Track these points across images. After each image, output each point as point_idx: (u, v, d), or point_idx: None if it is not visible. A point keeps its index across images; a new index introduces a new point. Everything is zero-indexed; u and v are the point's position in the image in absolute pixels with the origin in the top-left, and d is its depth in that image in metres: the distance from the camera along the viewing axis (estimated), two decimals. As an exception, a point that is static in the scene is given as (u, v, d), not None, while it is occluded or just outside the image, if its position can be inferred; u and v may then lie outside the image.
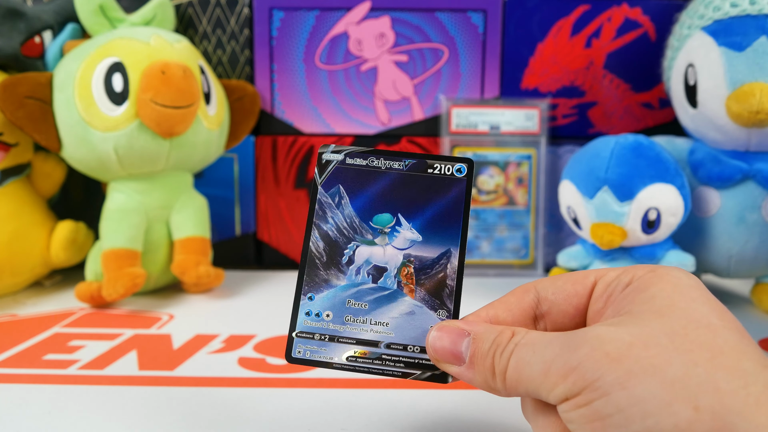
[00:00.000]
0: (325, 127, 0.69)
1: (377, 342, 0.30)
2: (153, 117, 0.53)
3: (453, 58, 0.68)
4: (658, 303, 0.24)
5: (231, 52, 0.68)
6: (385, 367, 0.30)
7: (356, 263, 0.31)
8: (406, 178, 0.32)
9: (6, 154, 0.58)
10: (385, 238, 0.32)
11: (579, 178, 0.54)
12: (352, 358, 0.30)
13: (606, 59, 0.67)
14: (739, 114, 0.50)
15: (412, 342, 0.30)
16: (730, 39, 0.51)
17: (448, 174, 0.32)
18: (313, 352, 0.30)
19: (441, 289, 0.30)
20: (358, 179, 0.32)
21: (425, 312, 0.30)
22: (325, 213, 0.32)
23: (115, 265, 0.55)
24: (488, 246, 0.68)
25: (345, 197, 0.32)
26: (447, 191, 0.32)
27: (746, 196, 0.54)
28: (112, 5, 0.58)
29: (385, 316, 0.30)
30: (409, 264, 0.31)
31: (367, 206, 0.32)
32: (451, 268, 0.31)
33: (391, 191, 0.32)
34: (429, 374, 0.29)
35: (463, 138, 0.67)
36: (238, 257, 0.70)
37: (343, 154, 0.33)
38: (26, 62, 0.59)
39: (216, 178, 0.69)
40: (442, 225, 0.31)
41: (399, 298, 0.31)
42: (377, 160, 0.33)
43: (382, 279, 0.31)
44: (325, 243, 0.32)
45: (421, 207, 0.32)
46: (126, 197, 0.57)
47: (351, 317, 0.31)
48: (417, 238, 0.31)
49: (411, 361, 0.30)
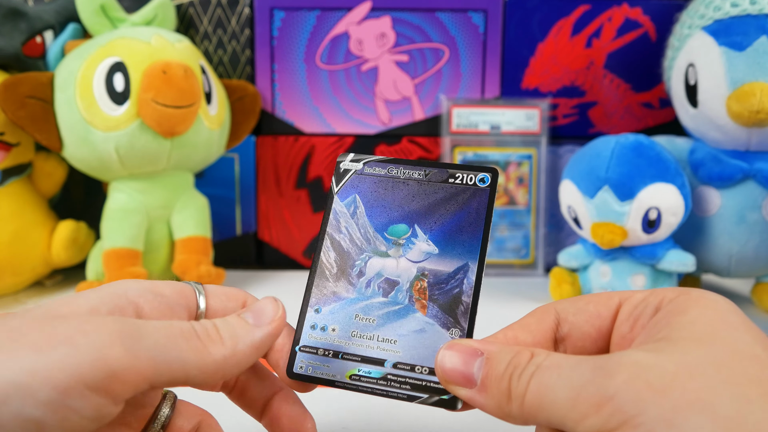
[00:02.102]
0: (326, 127, 0.69)
1: (383, 360, 0.28)
2: (154, 117, 0.53)
3: (454, 58, 0.68)
4: (699, 329, 0.22)
5: (232, 52, 0.68)
6: (390, 388, 0.27)
7: (367, 275, 0.30)
8: (426, 188, 0.31)
9: (7, 154, 0.58)
10: (399, 250, 0.30)
11: (579, 177, 0.54)
12: (355, 378, 0.28)
13: (606, 59, 0.68)
14: (739, 113, 0.50)
15: (420, 362, 0.28)
16: (731, 39, 0.51)
17: (470, 184, 0.30)
18: (316, 368, 0.28)
19: (456, 306, 0.28)
20: (376, 188, 0.31)
21: (437, 330, 0.28)
22: (339, 223, 0.31)
23: (116, 264, 0.55)
24: (489, 246, 0.68)
25: (360, 206, 0.31)
26: (468, 202, 0.30)
27: (746, 196, 0.54)
28: (114, 5, 0.58)
29: (394, 333, 0.28)
30: (422, 278, 0.29)
31: (382, 216, 0.31)
32: (467, 283, 0.29)
33: (409, 201, 0.31)
34: (437, 399, 0.27)
35: (463, 138, 0.67)
36: (239, 257, 0.70)
37: (362, 163, 0.32)
38: (27, 62, 0.59)
39: (217, 178, 0.69)
40: (460, 237, 0.29)
41: (410, 314, 0.29)
42: (396, 169, 0.31)
43: (393, 293, 0.29)
44: (337, 253, 0.30)
45: (439, 218, 0.30)
46: (127, 197, 0.57)
47: (357, 332, 0.29)
48: (433, 250, 0.29)
49: (418, 383, 0.27)
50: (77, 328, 0.22)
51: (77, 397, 0.20)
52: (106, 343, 0.21)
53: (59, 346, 0.21)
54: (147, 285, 0.27)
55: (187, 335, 0.24)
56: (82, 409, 0.21)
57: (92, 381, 0.21)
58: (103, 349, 0.21)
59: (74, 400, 0.20)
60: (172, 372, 0.23)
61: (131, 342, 0.22)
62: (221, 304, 0.29)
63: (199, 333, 0.24)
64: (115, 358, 0.21)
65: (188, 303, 0.28)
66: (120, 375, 0.21)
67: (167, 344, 0.23)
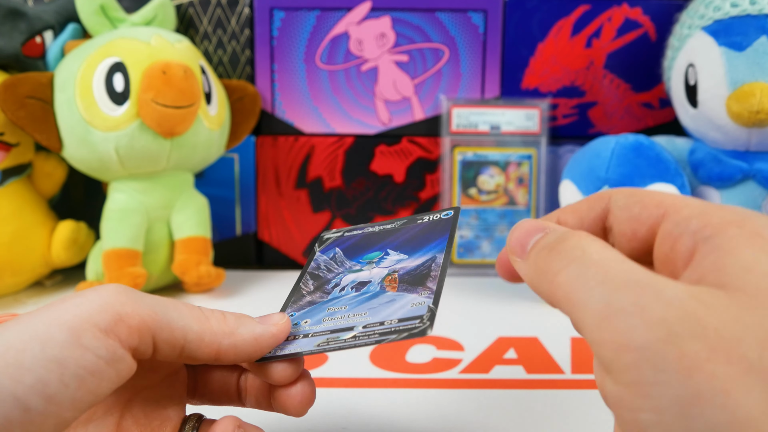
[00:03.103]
0: (326, 127, 0.69)
1: (352, 326, 0.28)
2: (154, 117, 0.53)
3: (453, 58, 0.68)
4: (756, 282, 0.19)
5: (232, 52, 0.68)
6: (358, 341, 0.27)
7: (341, 285, 0.31)
8: (398, 230, 0.34)
9: (7, 154, 0.58)
10: (372, 265, 0.32)
11: (579, 177, 0.54)
12: (323, 344, 0.27)
13: (606, 59, 0.68)
14: (739, 114, 0.50)
15: (389, 318, 0.27)
16: (731, 39, 0.51)
17: (435, 219, 0.33)
18: (281, 348, 0.28)
19: (425, 279, 0.29)
20: (354, 242, 0.34)
21: (406, 296, 0.29)
22: (319, 264, 0.34)
23: (116, 264, 0.55)
24: (489, 246, 0.68)
25: (339, 253, 0.34)
26: (432, 225, 0.33)
27: (746, 196, 0.54)
28: (113, 5, 0.58)
29: (365, 309, 0.29)
30: (393, 273, 0.30)
31: (358, 252, 0.33)
32: (435, 265, 0.30)
33: (381, 238, 0.34)
34: (406, 334, 0.26)
35: (463, 138, 0.67)
36: (239, 257, 0.70)
37: (343, 232, 0.36)
38: (27, 62, 0.59)
39: (217, 178, 0.69)
40: (428, 243, 0.31)
41: (381, 295, 0.29)
42: (372, 227, 0.35)
43: (365, 288, 0.30)
44: (314, 280, 0.33)
45: (406, 237, 0.33)
46: (127, 197, 0.57)
47: (329, 318, 0.29)
48: (402, 257, 0.31)
49: (387, 330, 0.27)
50: (87, 290, 0.25)
51: (90, 337, 0.23)
52: (113, 294, 0.24)
53: (71, 300, 0.24)
54: None
55: (191, 306, 0.27)
56: (96, 348, 0.23)
57: (102, 322, 0.23)
58: (110, 298, 0.24)
59: (87, 340, 0.23)
60: (172, 330, 0.25)
61: (135, 296, 0.25)
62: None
63: (203, 310, 0.27)
64: (121, 304, 0.24)
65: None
66: (126, 319, 0.24)
67: (170, 305, 0.26)
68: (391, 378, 0.43)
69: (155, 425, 0.28)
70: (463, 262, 0.68)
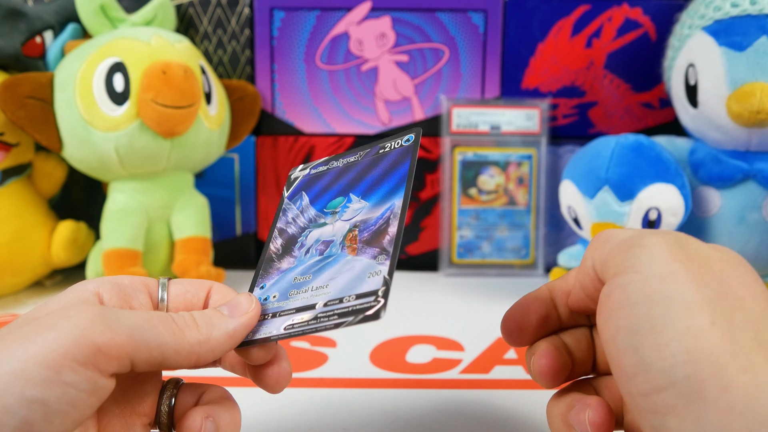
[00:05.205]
0: (326, 127, 0.69)
1: (315, 304, 0.28)
2: (154, 117, 0.53)
3: (453, 58, 0.68)
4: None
5: (232, 52, 0.68)
6: (320, 324, 0.27)
7: (307, 245, 0.31)
8: (360, 163, 0.33)
9: (7, 154, 0.58)
10: (336, 217, 0.32)
11: (579, 177, 0.54)
12: (289, 327, 0.28)
13: (606, 59, 0.67)
14: (739, 114, 0.50)
15: (348, 293, 0.28)
16: (731, 39, 0.51)
17: (396, 147, 0.32)
18: (255, 332, 0.29)
19: (382, 237, 0.29)
20: (319, 182, 0.34)
21: (364, 261, 0.29)
22: (287, 216, 0.34)
23: (116, 265, 0.55)
24: (489, 246, 0.68)
25: (305, 199, 0.34)
26: (394, 159, 0.32)
27: (747, 196, 0.54)
28: (113, 5, 0.58)
29: (326, 279, 0.29)
30: (354, 229, 0.30)
31: (324, 200, 0.33)
32: (393, 216, 0.29)
33: (345, 178, 0.33)
34: (361, 317, 0.26)
35: (463, 138, 0.67)
36: (239, 257, 0.70)
37: (309, 168, 0.35)
38: (27, 62, 0.59)
39: (217, 178, 0.69)
40: (387, 182, 0.31)
41: (341, 259, 0.29)
42: (336, 161, 0.34)
43: (328, 250, 0.30)
44: (283, 239, 0.33)
45: (368, 179, 0.32)
46: (127, 197, 0.57)
47: (295, 291, 0.30)
48: (363, 205, 0.31)
49: (345, 311, 0.27)
50: (60, 316, 0.24)
51: (69, 372, 0.22)
52: (88, 323, 0.23)
53: (46, 332, 0.23)
54: (108, 278, 0.29)
55: (164, 320, 0.26)
56: (77, 383, 0.23)
57: (80, 356, 0.23)
58: (86, 328, 0.23)
59: (67, 376, 0.22)
60: (149, 350, 0.25)
61: (111, 322, 0.24)
62: (182, 289, 0.30)
63: (176, 320, 0.26)
64: (99, 334, 0.23)
65: (150, 290, 0.30)
66: (104, 349, 0.23)
67: (145, 325, 0.25)
68: (391, 378, 0.43)
69: (134, 401, 0.29)
70: (463, 262, 0.68)
